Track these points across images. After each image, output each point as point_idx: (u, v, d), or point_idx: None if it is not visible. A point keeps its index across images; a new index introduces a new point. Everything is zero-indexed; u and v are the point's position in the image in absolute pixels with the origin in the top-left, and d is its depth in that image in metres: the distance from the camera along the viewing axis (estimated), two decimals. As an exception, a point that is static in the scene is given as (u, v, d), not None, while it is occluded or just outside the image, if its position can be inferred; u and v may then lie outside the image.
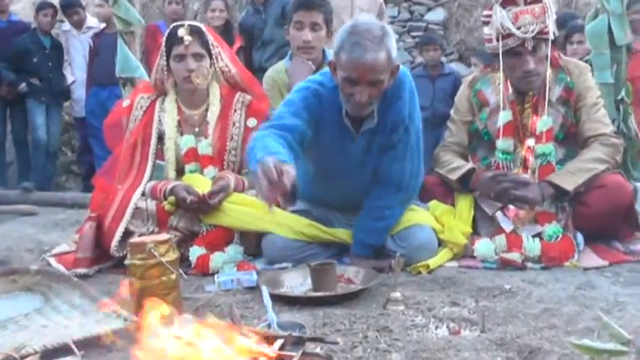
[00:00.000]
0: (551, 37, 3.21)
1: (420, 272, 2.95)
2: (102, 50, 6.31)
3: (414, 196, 3.21)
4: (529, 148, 3.28)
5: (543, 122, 3.24)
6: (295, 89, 3.04)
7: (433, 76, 6.44)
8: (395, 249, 3.00)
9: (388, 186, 3.03)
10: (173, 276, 2.43)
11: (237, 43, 5.90)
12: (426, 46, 6.54)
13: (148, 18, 7.46)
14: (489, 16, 3.28)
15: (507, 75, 3.28)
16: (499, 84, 3.35)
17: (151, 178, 3.43)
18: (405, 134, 2.98)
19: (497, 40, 3.21)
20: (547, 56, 3.25)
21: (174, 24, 3.53)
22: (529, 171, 3.26)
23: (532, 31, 3.16)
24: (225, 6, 6.21)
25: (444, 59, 6.87)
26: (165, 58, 3.45)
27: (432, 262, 3.00)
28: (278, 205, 3.19)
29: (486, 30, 3.31)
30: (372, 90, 2.80)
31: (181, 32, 3.39)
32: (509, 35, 3.19)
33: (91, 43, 6.62)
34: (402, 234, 3.08)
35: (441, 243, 3.16)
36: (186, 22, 3.50)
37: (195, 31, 3.42)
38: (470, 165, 3.35)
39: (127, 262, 2.44)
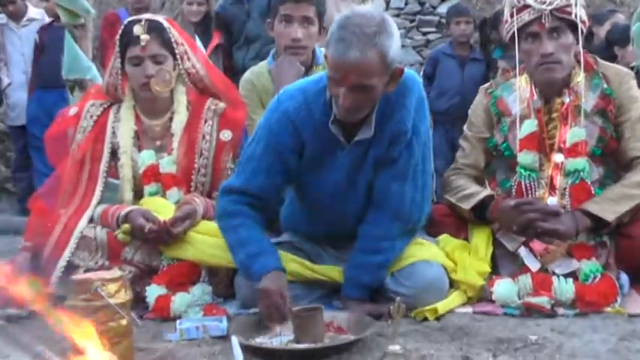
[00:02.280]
0: (577, 20, 3.23)
1: (425, 319, 2.94)
2: (49, 47, 6.32)
3: (418, 228, 3.21)
4: (556, 165, 3.28)
5: (574, 133, 3.25)
6: (263, 115, 3.10)
7: (462, 57, 6.45)
8: (396, 289, 3.00)
9: (385, 211, 3.03)
10: (124, 321, 2.42)
11: (215, 40, 5.90)
12: (457, 17, 6.55)
13: (105, 6, 7.48)
14: None
15: (526, 67, 3.32)
16: (523, 90, 3.37)
17: (101, 201, 3.42)
18: (407, 150, 2.98)
19: (512, 17, 3.26)
20: (574, 47, 3.28)
21: (130, 19, 3.52)
22: (557, 192, 3.26)
23: (550, 4, 3.20)
24: None
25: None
26: (119, 60, 3.45)
27: (441, 307, 2.98)
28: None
29: (505, 12, 3.38)
30: (358, 95, 2.77)
31: (137, 30, 3.39)
32: (525, 8, 3.25)
33: (37, 39, 6.62)
34: (405, 271, 3.07)
35: (452, 284, 3.15)
36: (144, 17, 3.49)
37: (153, 28, 3.42)
38: (487, 191, 3.36)
39: (67, 303, 2.42)
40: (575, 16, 3.23)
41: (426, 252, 3.15)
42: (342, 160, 3.02)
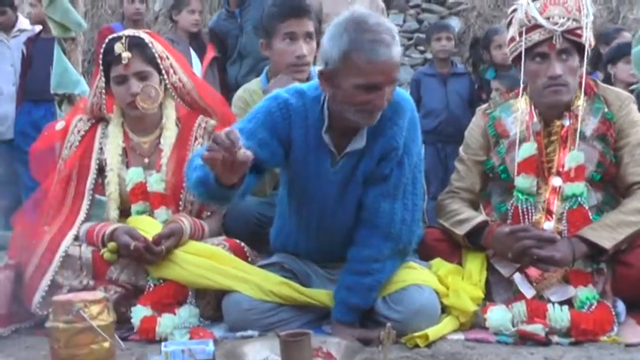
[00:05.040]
0: (586, 44, 3.25)
1: (416, 345, 2.92)
2: (37, 59, 6.30)
3: (409, 250, 3.21)
4: (554, 188, 3.29)
5: (573, 156, 3.26)
6: (264, 98, 3.12)
7: (443, 74, 6.53)
8: (387, 314, 3.00)
9: (375, 231, 3.05)
10: (107, 344, 2.41)
11: (211, 53, 5.91)
12: (438, 33, 6.63)
13: (97, 19, 7.49)
14: (514, 11, 3.33)
15: (530, 88, 3.32)
16: (522, 112, 3.37)
17: (89, 218, 3.41)
18: (398, 167, 3.03)
19: (520, 36, 3.26)
20: (580, 70, 3.29)
21: (111, 36, 3.51)
22: (554, 217, 3.26)
23: (561, 25, 3.20)
24: (202, 7, 6.24)
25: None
26: (104, 79, 3.46)
27: (432, 333, 2.96)
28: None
29: (510, 31, 3.35)
30: (389, 92, 2.87)
31: (118, 48, 3.39)
32: (535, 27, 3.24)
33: (24, 50, 6.60)
34: (395, 296, 3.07)
35: (444, 310, 3.14)
36: (124, 34, 3.49)
37: (135, 45, 3.42)
38: (482, 217, 3.36)
39: (48, 324, 2.41)
40: (585, 39, 3.24)
41: (418, 276, 3.15)
42: (332, 174, 3.06)
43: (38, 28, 6.62)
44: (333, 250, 3.17)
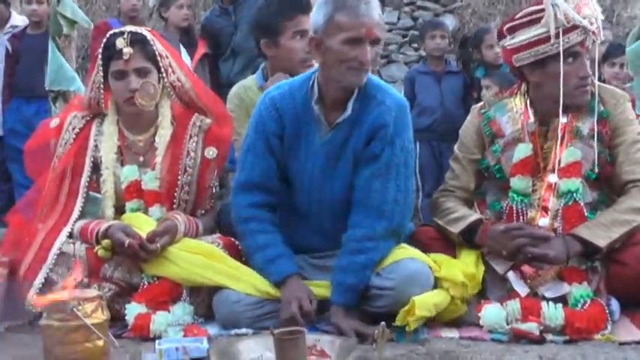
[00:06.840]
0: (597, 42, 3.29)
1: (411, 333, 2.93)
2: (25, 55, 6.25)
3: (402, 233, 3.24)
4: (550, 185, 3.29)
5: (570, 153, 3.27)
6: (253, 113, 3.30)
7: (438, 72, 6.53)
8: (381, 284, 3.06)
9: (368, 210, 3.12)
10: (101, 342, 2.41)
11: (201, 49, 5.89)
12: (432, 31, 6.61)
13: (91, 16, 7.47)
14: (538, 11, 3.26)
15: (555, 88, 3.23)
16: (517, 111, 3.37)
17: (83, 215, 3.41)
18: (389, 147, 3.12)
19: (557, 37, 3.21)
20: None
21: (112, 32, 3.51)
22: (549, 214, 3.27)
23: (593, 25, 3.23)
24: (192, 1, 6.22)
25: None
26: (102, 73, 3.45)
27: (419, 301, 2.96)
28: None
29: (534, 30, 3.26)
30: (371, 51, 3.06)
31: (120, 43, 3.39)
32: (573, 28, 3.22)
33: (9, 47, 6.53)
34: (388, 268, 3.11)
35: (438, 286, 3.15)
36: (127, 29, 3.49)
37: (136, 41, 3.42)
38: (476, 215, 3.36)
39: (42, 322, 2.40)
40: (599, 38, 3.30)
41: (411, 252, 3.19)
42: (321, 145, 3.18)
43: (25, 23, 6.57)
44: (323, 235, 3.25)
